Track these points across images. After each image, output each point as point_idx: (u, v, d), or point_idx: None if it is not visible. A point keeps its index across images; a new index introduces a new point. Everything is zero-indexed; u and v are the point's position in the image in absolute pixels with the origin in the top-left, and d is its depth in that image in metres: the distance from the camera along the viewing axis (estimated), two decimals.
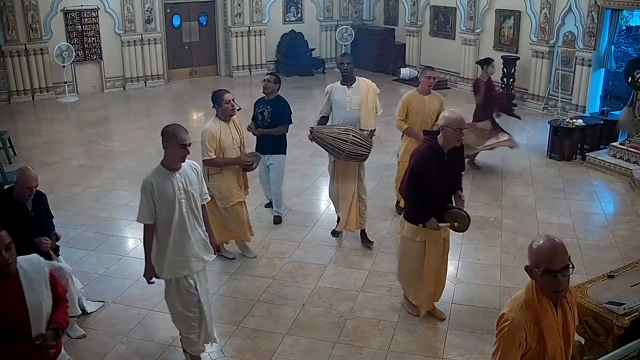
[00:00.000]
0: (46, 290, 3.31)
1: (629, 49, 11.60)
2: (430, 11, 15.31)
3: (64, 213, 7.39)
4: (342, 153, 6.13)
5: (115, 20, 14.24)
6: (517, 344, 2.79)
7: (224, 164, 5.95)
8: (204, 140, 5.81)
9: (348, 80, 6.44)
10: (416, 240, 5.09)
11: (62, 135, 11.26)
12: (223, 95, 5.93)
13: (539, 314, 2.81)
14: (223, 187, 6.03)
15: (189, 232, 4.38)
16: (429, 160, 4.79)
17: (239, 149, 6.03)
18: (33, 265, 3.31)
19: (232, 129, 5.98)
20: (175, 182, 4.28)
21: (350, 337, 5.12)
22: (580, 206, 7.84)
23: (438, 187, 4.84)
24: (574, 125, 9.56)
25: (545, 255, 2.73)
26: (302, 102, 13.13)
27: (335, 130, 6.17)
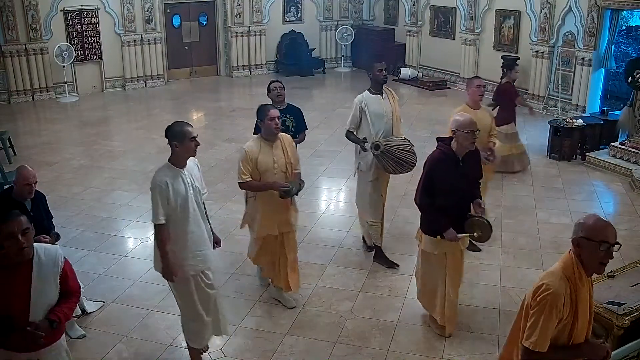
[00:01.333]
0: (54, 284, 3.36)
1: (629, 49, 11.60)
2: (430, 11, 15.31)
3: (64, 213, 7.40)
4: (406, 165, 5.81)
5: (115, 20, 14.24)
6: (558, 310, 2.93)
7: (257, 188, 5.21)
8: (239, 160, 5.15)
9: (380, 88, 6.05)
10: (435, 253, 4.87)
11: (62, 135, 11.26)
12: (269, 110, 5.11)
13: (577, 286, 2.99)
14: (253, 214, 5.39)
15: (202, 227, 4.46)
16: (443, 166, 4.64)
17: (283, 173, 5.15)
18: (50, 256, 3.35)
19: (276, 149, 5.14)
20: (185, 179, 4.33)
21: (350, 337, 5.12)
22: (580, 206, 7.84)
23: (453, 195, 4.65)
24: (574, 125, 9.56)
25: (603, 228, 2.96)
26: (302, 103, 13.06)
27: (396, 142, 5.81)
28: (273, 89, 6.37)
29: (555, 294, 2.92)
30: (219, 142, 10.66)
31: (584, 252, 2.98)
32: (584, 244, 2.96)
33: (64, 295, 3.43)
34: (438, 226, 4.73)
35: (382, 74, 6.01)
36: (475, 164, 4.85)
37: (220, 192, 8.30)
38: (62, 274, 3.40)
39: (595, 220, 3.00)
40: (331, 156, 9.71)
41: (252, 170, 5.10)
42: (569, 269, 3.00)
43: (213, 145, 10.52)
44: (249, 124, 10.88)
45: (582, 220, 3.03)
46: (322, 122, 11.63)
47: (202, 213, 4.49)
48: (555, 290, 2.92)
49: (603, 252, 2.93)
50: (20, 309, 3.25)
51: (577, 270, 3.00)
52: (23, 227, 3.18)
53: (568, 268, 3.00)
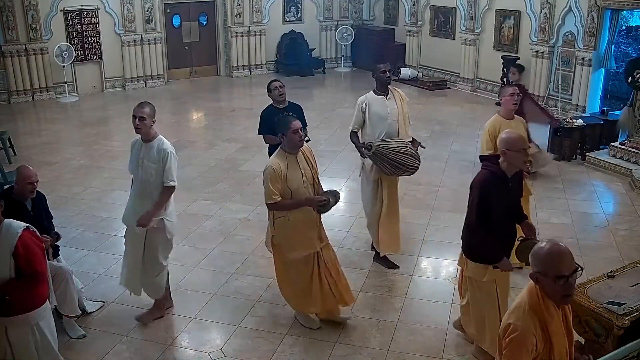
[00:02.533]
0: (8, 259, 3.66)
1: (629, 49, 11.60)
2: (430, 11, 15.31)
3: (64, 213, 7.40)
4: (402, 167, 5.70)
5: (115, 20, 14.24)
6: (529, 350, 2.76)
7: (292, 206, 4.82)
8: (265, 179, 4.74)
9: (385, 89, 5.97)
10: (484, 280, 4.47)
11: (62, 135, 11.26)
12: (291, 122, 4.78)
13: (546, 319, 2.80)
14: (289, 236, 4.96)
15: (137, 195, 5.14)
16: (494, 188, 4.25)
17: (311, 186, 4.89)
18: (9, 231, 3.71)
19: (301, 162, 4.86)
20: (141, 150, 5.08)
21: (350, 337, 5.12)
22: (580, 206, 7.84)
23: (505, 218, 4.33)
24: (574, 125, 9.55)
25: (554, 261, 2.72)
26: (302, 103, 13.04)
27: (393, 144, 5.72)
28: (274, 88, 6.32)
29: (522, 335, 2.74)
30: (219, 142, 10.66)
31: (543, 286, 2.78)
32: (541, 279, 2.76)
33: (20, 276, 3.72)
34: (492, 255, 4.35)
35: (386, 75, 5.93)
36: (520, 183, 4.53)
37: (220, 192, 8.31)
38: (16, 251, 3.63)
39: (546, 252, 2.75)
40: (331, 156, 9.71)
41: (282, 188, 4.74)
42: (534, 301, 2.80)
43: (213, 145, 10.52)
44: (249, 124, 10.92)
45: (536, 249, 2.81)
46: (322, 122, 11.63)
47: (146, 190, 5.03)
48: (523, 330, 2.74)
49: (561, 285, 2.72)
50: None
51: (543, 303, 2.79)
52: None
53: (533, 300, 2.80)
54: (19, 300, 3.84)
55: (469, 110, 12.00)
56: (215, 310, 5.50)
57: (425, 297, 5.75)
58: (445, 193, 8.23)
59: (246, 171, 9.08)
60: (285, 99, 6.41)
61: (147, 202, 5.03)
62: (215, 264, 6.34)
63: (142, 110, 4.94)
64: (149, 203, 5.02)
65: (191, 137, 11.14)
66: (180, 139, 10.42)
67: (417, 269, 6.27)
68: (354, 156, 7.14)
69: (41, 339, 4.05)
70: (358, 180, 6.56)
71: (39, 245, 3.94)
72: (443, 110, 12.73)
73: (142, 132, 5.02)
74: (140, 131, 5.01)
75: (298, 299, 5.17)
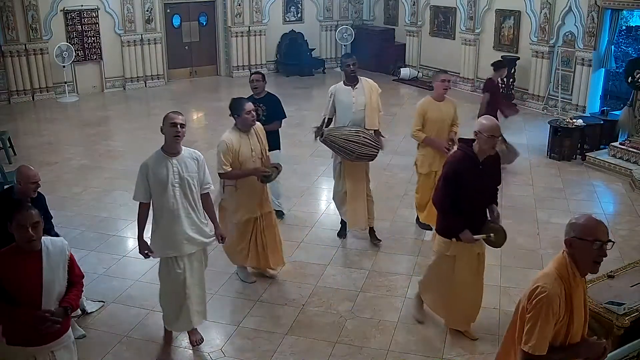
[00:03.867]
0: (63, 272, 3.55)
1: (629, 49, 11.60)
2: (430, 11, 15.31)
3: (64, 213, 7.40)
4: (353, 154, 6.09)
5: (115, 20, 14.24)
6: (555, 312, 2.92)
7: (240, 176, 5.52)
8: (219, 152, 5.42)
9: (353, 80, 6.40)
10: (447, 254, 4.84)
11: (62, 135, 11.26)
12: (244, 104, 5.48)
13: (571, 288, 2.97)
14: (234, 201, 5.65)
15: (181, 216, 4.63)
16: (464, 167, 4.59)
17: (259, 160, 5.57)
18: (57, 247, 3.56)
19: (252, 139, 5.54)
20: (171, 167, 4.55)
21: (350, 337, 5.12)
22: (580, 206, 7.84)
23: (473, 197, 4.62)
24: (574, 125, 9.56)
25: (595, 227, 2.95)
26: (302, 102, 13.14)
27: (345, 132, 6.11)
28: (251, 80, 6.95)
29: (550, 296, 2.90)
30: None
31: (577, 251, 2.97)
32: (577, 243, 2.96)
33: (70, 284, 3.62)
34: (454, 227, 4.70)
35: (350, 68, 6.36)
36: (495, 169, 4.79)
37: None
38: (70, 263, 3.59)
39: (586, 219, 2.99)
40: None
41: (233, 160, 5.41)
42: (563, 270, 2.99)
43: (213, 145, 10.45)
44: None
45: (573, 220, 3.03)
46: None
47: (190, 205, 4.66)
48: (550, 292, 2.91)
49: (596, 250, 2.93)
50: (32, 300, 3.40)
51: (571, 270, 2.98)
52: (34, 221, 3.39)
53: (562, 268, 2.99)
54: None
55: (469, 110, 11.97)
56: (215, 310, 5.49)
57: None
58: None
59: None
60: (263, 90, 6.92)
61: (195, 214, 4.71)
62: (215, 264, 6.32)
63: (183, 118, 4.57)
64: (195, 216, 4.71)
65: (191, 137, 11.10)
66: None
67: (417, 269, 6.27)
68: None
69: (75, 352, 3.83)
70: None
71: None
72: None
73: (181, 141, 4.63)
74: (181, 140, 4.59)
75: (237, 254, 5.85)
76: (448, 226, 4.77)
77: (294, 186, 8.34)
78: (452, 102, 6.74)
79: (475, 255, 4.87)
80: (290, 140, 7.35)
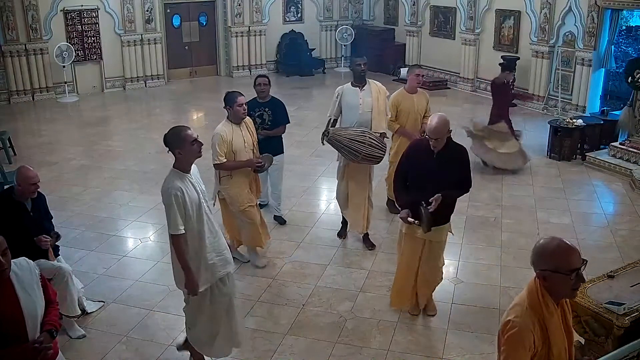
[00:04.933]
0: (39, 292, 3.27)
1: (629, 49, 11.60)
2: (430, 11, 15.31)
3: (64, 213, 7.40)
4: (359, 155, 6.05)
5: (115, 20, 14.24)
6: (527, 348, 2.76)
7: (235, 167, 5.82)
8: (214, 144, 5.68)
9: (361, 81, 6.38)
10: (402, 231, 5.19)
11: (62, 135, 11.26)
12: (237, 97, 5.71)
13: (545, 317, 2.80)
14: (233, 190, 5.92)
15: (215, 230, 4.34)
16: (416, 153, 4.94)
17: (251, 151, 5.88)
18: (23, 268, 3.25)
19: (243, 131, 5.82)
20: (194, 183, 4.21)
21: (350, 337, 5.12)
22: (580, 206, 7.84)
23: (420, 183, 4.84)
24: (574, 125, 9.56)
25: (566, 256, 2.73)
26: (302, 102, 13.13)
27: (351, 132, 6.09)
28: (257, 84, 6.79)
29: (520, 332, 2.74)
30: None
31: (552, 284, 2.77)
32: (551, 277, 2.75)
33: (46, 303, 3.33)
34: (400, 205, 5.09)
35: (360, 67, 6.36)
36: (453, 165, 4.82)
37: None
38: (42, 281, 3.32)
39: (556, 248, 2.76)
40: (331, 156, 9.63)
41: (227, 151, 5.69)
42: (534, 300, 2.80)
43: None
44: None
45: (538, 250, 2.82)
46: (322, 122, 11.53)
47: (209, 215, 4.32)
48: (521, 327, 2.75)
49: (574, 279, 2.73)
50: (17, 331, 3.15)
51: (543, 300, 2.80)
52: (2, 248, 3.06)
53: (533, 299, 2.81)
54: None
55: (469, 111, 12.00)
56: None
57: None
58: None
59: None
60: (268, 95, 6.82)
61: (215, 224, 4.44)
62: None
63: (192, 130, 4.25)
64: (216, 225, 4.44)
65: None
66: None
67: None
68: None
69: None
70: None
71: None
72: (443, 110, 12.64)
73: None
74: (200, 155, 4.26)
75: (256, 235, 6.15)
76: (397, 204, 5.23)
77: (294, 186, 8.34)
78: (425, 94, 7.08)
79: (418, 240, 5.08)
80: (290, 140, 7.36)
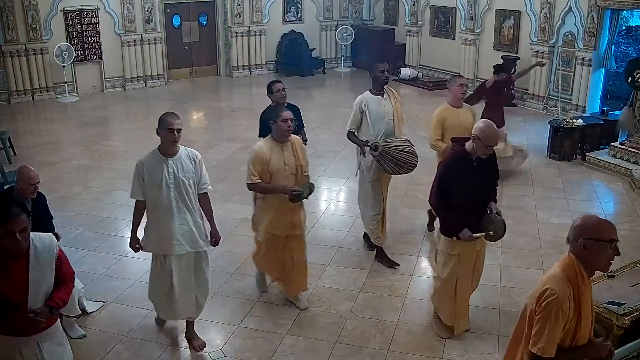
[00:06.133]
0: (50, 272, 3.46)
1: (629, 49, 11.60)
2: (430, 11, 15.31)
3: (64, 213, 7.40)
4: (405, 166, 5.81)
5: (115, 20, 14.24)
6: (564, 313, 2.91)
7: (267, 191, 5.16)
8: (249, 160, 5.14)
9: (381, 89, 6.02)
10: (451, 254, 4.82)
11: (62, 135, 11.26)
12: (282, 111, 5.13)
13: (580, 289, 2.97)
14: (259, 214, 5.36)
15: (175, 216, 4.64)
16: (456, 167, 4.60)
17: (293, 175, 5.14)
18: (44, 245, 3.47)
19: (286, 151, 5.13)
20: (166, 167, 4.56)
21: (350, 337, 5.12)
22: (580, 206, 7.84)
23: (468, 196, 4.59)
24: (574, 125, 9.56)
25: (609, 227, 2.95)
26: (302, 103, 13.04)
27: (396, 143, 5.80)
28: (276, 90, 6.24)
29: (560, 299, 2.89)
30: (219, 142, 10.66)
31: (592, 253, 2.94)
32: (593, 245, 2.92)
33: (59, 281, 3.54)
34: (453, 227, 4.70)
35: (384, 74, 5.94)
36: (490, 165, 4.73)
37: (220, 192, 8.29)
38: (57, 261, 3.51)
39: (597, 221, 2.97)
40: (331, 156, 9.71)
41: (263, 171, 5.05)
42: (571, 272, 2.97)
43: (213, 145, 10.52)
44: (249, 124, 10.91)
45: (580, 222, 2.99)
46: (322, 122, 11.63)
47: (185, 205, 4.66)
48: (560, 294, 2.89)
49: (612, 250, 2.93)
50: (19, 298, 3.34)
51: (580, 272, 2.97)
52: (22, 226, 3.27)
53: (569, 271, 2.97)
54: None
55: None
56: (215, 310, 5.50)
57: (425, 297, 5.73)
58: None
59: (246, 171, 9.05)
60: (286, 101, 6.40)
61: (189, 215, 4.71)
62: (215, 264, 6.32)
63: (179, 122, 4.57)
64: (190, 216, 4.71)
65: (191, 137, 11.12)
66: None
67: (417, 269, 6.27)
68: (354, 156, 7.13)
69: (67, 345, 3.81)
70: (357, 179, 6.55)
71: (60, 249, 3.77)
72: None
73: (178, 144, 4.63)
74: (177, 144, 4.60)
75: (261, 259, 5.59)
76: (448, 226, 4.77)
77: None
78: (471, 108, 6.51)
79: (474, 253, 4.87)
80: None
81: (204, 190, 4.80)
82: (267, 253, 5.45)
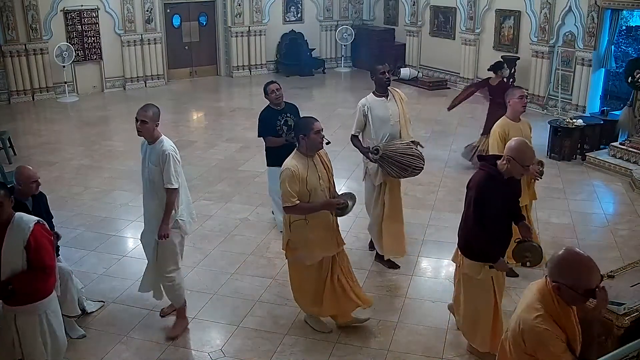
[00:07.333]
0: (19, 251, 3.85)
1: (629, 49, 11.60)
2: (430, 11, 15.32)
3: (64, 213, 7.39)
4: (409, 169, 5.63)
5: (115, 20, 14.24)
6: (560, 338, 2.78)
7: (310, 210, 4.69)
8: (283, 181, 4.60)
9: (385, 90, 5.88)
10: (478, 277, 4.44)
11: (62, 135, 11.26)
12: (313, 123, 4.73)
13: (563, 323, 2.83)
14: (307, 239, 4.79)
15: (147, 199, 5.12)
16: (491, 189, 4.26)
17: (327, 189, 4.81)
18: (20, 225, 3.88)
19: (317, 165, 4.78)
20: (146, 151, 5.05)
21: (350, 337, 5.12)
22: (580, 206, 7.84)
23: (501, 216, 4.33)
24: (574, 125, 9.56)
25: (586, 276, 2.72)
26: (302, 103, 13.05)
27: (398, 146, 5.64)
28: (271, 92, 6.32)
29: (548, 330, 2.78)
30: (219, 142, 10.66)
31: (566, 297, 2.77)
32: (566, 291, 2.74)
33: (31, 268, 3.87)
34: (490, 254, 4.36)
35: (385, 76, 5.83)
36: (517, 182, 4.48)
37: (219, 193, 8.30)
38: (28, 244, 3.80)
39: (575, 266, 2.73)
40: (331, 156, 9.60)
41: (301, 192, 4.62)
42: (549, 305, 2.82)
43: (213, 145, 10.52)
44: (249, 124, 10.92)
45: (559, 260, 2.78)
46: (322, 122, 11.40)
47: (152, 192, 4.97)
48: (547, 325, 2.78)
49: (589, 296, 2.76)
50: None
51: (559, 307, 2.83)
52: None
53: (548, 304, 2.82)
54: (27, 292, 3.98)
55: (469, 111, 11.99)
56: (215, 310, 5.50)
57: (425, 297, 5.75)
58: (445, 193, 8.24)
59: (246, 171, 9.08)
60: (283, 101, 6.47)
61: (154, 202, 4.99)
62: (215, 264, 6.35)
63: (145, 114, 4.88)
64: (155, 203, 4.97)
65: (191, 137, 11.14)
66: (180, 139, 10.41)
67: (417, 269, 6.27)
68: (354, 156, 7.13)
69: (48, 327, 4.18)
70: (358, 180, 6.55)
71: (49, 239, 4.08)
72: (443, 110, 12.71)
73: (144, 135, 4.96)
74: (142, 134, 4.96)
75: (310, 302, 5.08)
76: (483, 252, 4.40)
77: None
78: (528, 121, 6.10)
79: (501, 277, 4.59)
80: None
81: (165, 186, 4.87)
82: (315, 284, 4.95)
